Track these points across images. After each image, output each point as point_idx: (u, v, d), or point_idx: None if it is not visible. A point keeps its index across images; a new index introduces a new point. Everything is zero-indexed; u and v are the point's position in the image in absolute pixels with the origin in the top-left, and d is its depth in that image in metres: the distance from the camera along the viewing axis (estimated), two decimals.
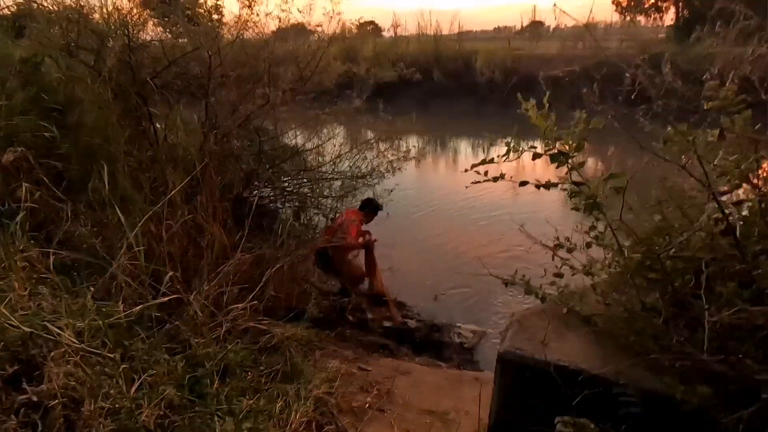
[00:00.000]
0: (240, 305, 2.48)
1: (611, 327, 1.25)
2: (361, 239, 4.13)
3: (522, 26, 28.31)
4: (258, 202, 5.47)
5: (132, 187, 2.82)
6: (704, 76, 1.43)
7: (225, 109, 4.99)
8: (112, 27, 4.57)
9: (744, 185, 1.55)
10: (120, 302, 1.84)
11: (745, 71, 1.78)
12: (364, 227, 4.28)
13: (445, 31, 17.41)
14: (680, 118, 1.71)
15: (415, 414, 2.43)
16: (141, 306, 1.75)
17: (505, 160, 1.52)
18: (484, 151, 13.07)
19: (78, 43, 4.22)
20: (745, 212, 1.41)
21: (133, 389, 1.55)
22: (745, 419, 0.92)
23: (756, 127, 1.50)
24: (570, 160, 1.41)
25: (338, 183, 5.35)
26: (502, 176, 1.57)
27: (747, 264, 1.08)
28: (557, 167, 1.47)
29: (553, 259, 1.60)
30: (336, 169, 5.38)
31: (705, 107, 1.64)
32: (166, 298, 1.88)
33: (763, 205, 1.47)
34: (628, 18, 15.97)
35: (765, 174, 1.59)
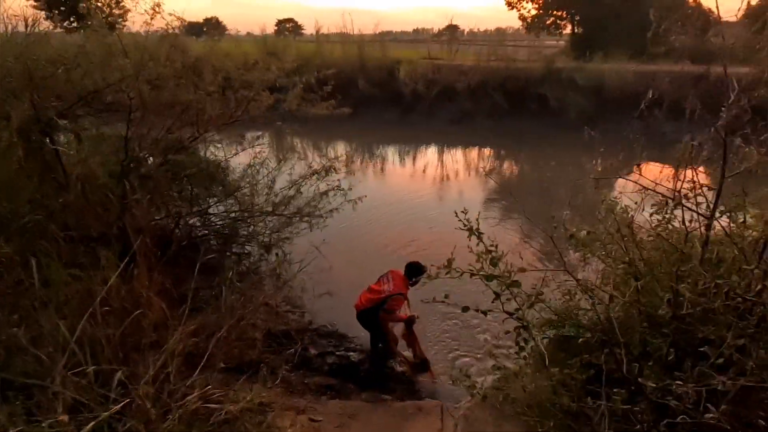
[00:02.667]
0: (186, 383, 2.46)
1: (534, 414, 1.51)
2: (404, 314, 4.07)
3: (439, 29, 29.64)
4: (188, 234, 5.28)
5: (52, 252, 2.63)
6: None
7: (147, 141, 4.74)
8: None
9: None
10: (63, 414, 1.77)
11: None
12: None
13: (366, 32, 17.76)
14: (579, 128, 2.03)
15: None
16: (94, 422, 1.69)
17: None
18: (412, 159, 13.59)
19: None
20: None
21: None
22: None
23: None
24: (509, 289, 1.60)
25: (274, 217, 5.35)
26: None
27: (629, 373, 1.37)
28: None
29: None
30: (271, 199, 5.34)
31: None
32: (119, 406, 1.84)
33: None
34: (533, 34, 17.48)
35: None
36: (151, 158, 4.64)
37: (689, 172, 1.76)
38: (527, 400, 1.54)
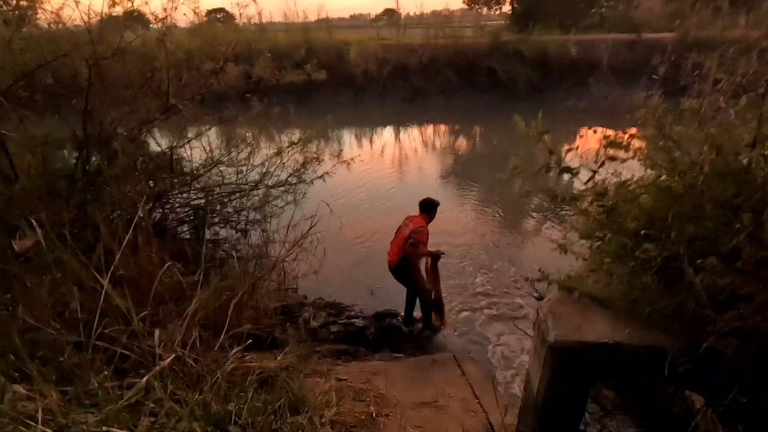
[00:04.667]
0: (215, 346, 2.31)
1: (617, 302, 1.54)
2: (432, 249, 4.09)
3: (377, 14, 29.55)
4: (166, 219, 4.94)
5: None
6: None
7: (105, 121, 4.32)
8: None
9: None
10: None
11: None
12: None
13: (310, 19, 17.38)
14: (527, 97, 2.04)
15: (412, 410, 2.57)
16: (149, 374, 1.52)
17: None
18: (369, 141, 13.51)
19: None
20: None
21: None
22: None
23: None
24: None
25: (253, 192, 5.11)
26: None
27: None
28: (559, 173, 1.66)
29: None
30: (247, 178, 5.14)
31: None
32: (168, 360, 1.67)
33: None
34: (475, 9, 17.87)
35: None
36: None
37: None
38: (608, 291, 1.57)
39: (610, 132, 1.89)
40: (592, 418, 1.90)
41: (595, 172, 1.54)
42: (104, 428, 1.21)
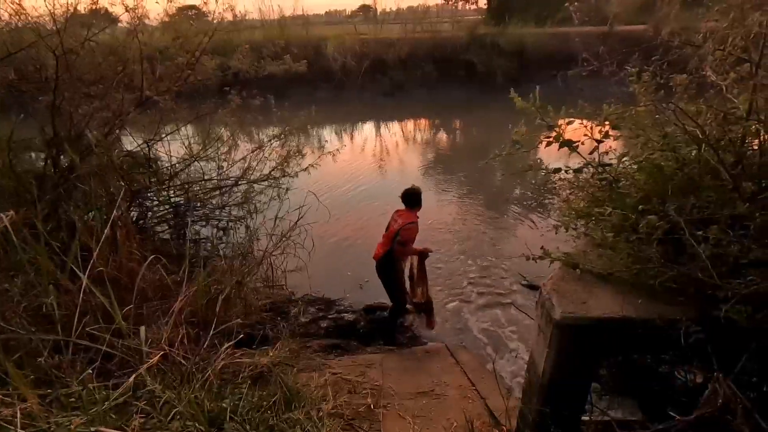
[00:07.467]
0: (203, 343, 2.21)
1: (620, 276, 1.53)
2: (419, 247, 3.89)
3: (353, 11, 29.41)
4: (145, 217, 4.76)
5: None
6: None
7: (76, 116, 4.11)
8: None
9: None
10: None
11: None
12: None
13: (286, 14, 17.11)
14: (505, 89, 2.00)
15: (410, 400, 2.52)
16: (135, 374, 1.42)
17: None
18: (349, 137, 13.38)
19: None
20: None
21: None
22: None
23: None
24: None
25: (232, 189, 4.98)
26: None
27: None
28: (557, 147, 1.64)
29: None
30: (228, 173, 5.01)
31: None
32: (157, 357, 1.56)
33: None
34: (451, 3, 17.91)
35: None
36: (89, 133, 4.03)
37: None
38: (611, 266, 1.55)
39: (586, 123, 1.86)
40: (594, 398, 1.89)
41: (599, 142, 1.52)
42: (92, 429, 1.12)
